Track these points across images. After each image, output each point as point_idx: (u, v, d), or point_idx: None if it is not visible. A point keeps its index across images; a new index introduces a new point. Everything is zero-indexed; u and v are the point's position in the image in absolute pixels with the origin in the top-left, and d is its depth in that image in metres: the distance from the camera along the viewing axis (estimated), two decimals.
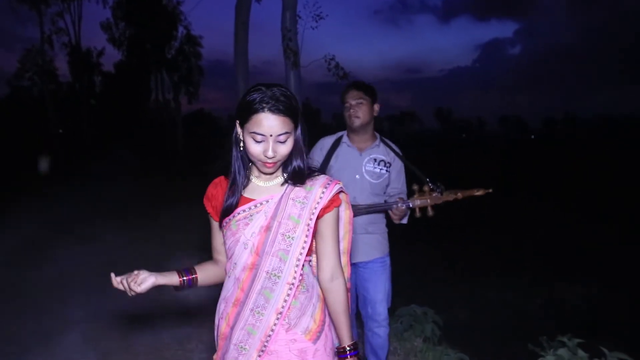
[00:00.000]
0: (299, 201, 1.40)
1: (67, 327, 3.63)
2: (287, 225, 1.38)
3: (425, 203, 2.39)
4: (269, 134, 1.30)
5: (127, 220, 7.37)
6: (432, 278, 4.98)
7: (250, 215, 1.40)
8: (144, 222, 7.28)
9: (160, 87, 34.26)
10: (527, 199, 10.20)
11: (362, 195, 2.52)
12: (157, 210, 8.27)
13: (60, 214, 7.81)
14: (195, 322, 3.71)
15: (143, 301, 4.14)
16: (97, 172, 13.81)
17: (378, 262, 2.59)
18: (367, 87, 2.58)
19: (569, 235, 6.91)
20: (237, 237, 1.39)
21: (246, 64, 6.90)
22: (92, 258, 5.36)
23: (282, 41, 6.18)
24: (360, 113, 2.51)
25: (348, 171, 2.55)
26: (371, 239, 2.58)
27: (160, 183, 12.71)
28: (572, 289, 4.71)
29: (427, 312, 3.46)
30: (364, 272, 2.60)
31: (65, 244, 5.91)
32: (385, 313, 2.61)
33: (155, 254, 5.57)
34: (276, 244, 1.37)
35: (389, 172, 2.58)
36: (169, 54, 30.97)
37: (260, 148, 1.32)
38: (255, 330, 1.37)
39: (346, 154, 2.59)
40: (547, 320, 3.98)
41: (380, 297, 2.58)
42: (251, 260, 1.38)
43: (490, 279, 4.97)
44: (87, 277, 4.76)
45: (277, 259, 1.37)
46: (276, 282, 1.36)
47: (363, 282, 2.62)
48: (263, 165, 1.35)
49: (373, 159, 2.57)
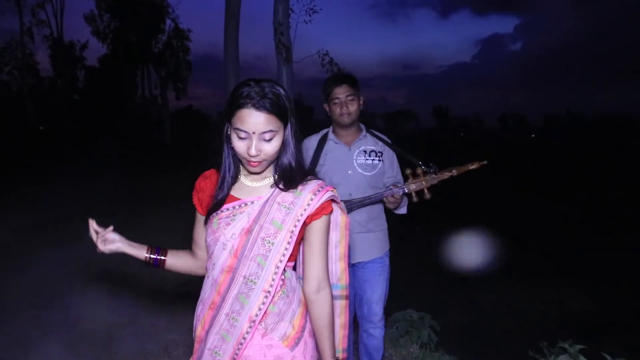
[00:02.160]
0: (284, 206, 1.37)
1: (46, 334, 3.59)
2: (268, 230, 1.36)
3: (420, 186, 2.38)
4: (252, 131, 1.30)
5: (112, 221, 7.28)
6: (429, 281, 4.98)
7: (232, 215, 1.39)
8: (129, 223, 7.18)
9: (146, 83, 34.21)
10: (527, 199, 10.26)
11: (357, 191, 2.52)
12: (143, 210, 8.22)
13: (40, 214, 7.73)
14: (182, 328, 3.69)
15: (127, 306, 4.12)
16: (80, 171, 13.71)
17: (378, 262, 2.60)
18: (356, 81, 2.59)
19: (571, 237, 6.95)
20: (217, 237, 1.38)
21: (237, 59, 6.88)
22: (73, 261, 5.31)
23: (274, 35, 6.17)
24: (351, 109, 2.51)
25: (339, 168, 2.55)
26: (371, 237, 2.58)
27: (147, 182, 12.63)
28: (574, 292, 4.73)
29: (423, 317, 3.47)
30: (363, 272, 2.61)
31: (45, 245, 5.85)
32: (381, 314, 2.62)
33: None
34: (255, 248, 1.35)
35: (382, 161, 2.58)
36: (156, 47, 30.74)
37: (244, 146, 1.32)
38: (229, 336, 1.36)
39: (335, 150, 2.59)
40: (548, 325, 4.00)
41: (377, 297, 2.59)
42: (229, 263, 1.37)
43: (489, 282, 4.98)
44: (67, 280, 4.72)
45: (255, 264, 1.35)
46: (252, 288, 1.35)
47: (361, 283, 2.62)
48: (247, 163, 1.35)
49: (363, 151, 2.57)
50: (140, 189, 11.25)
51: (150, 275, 4.87)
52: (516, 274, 5.28)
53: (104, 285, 4.66)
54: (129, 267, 5.14)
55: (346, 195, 2.52)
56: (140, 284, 4.73)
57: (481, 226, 7.73)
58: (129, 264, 5.20)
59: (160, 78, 31.70)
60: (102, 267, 5.16)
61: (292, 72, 6.55)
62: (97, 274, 4.98)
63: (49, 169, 15.37)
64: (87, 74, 37.77)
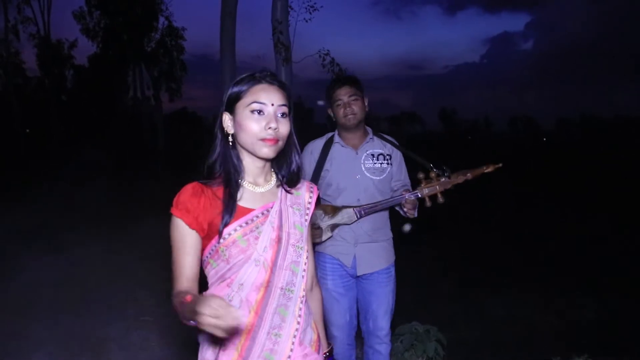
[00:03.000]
0: (296, 208, 1.43)
1: (33, 349, 3.60)
2: (295, 235, 1.39)
3: (434, 190, 2.39)
4: (270, 103, 1.30)
5: (101, 230, 7.33)
6: (435, 292, 4.98)
7: (255, 227, 1.33)
8: (119, 232, 7.24)
9: (138, 83, 34.23)
10: (538, 206, 10.26)
11: (366, 196, 2.54)
12: (134, 218, 8.22)
13: (26, 222, 7.74)
14: (176, 345, 3.69)
15: (117, 320, 4.13)
16: (68, 176, 13.72)
17: (383, 274, 2.61)
18: (358, 81, 2.63)
19: (585, 245, 6.96)
20: (249, 254, 1.31)
21: (233, 59, 6.90)
22: (60, 271, 5.32)
23: (273, 34, 6.19)
24: (356, 110, 2.55)
25: (347, 173, 2.57)
26: (376, 247, 2.60)
27: (138, 188, 12.65)
28: (589, 303, 4.73)
29: (429, 329, 3.47)
30: (367, 284, 2.61)
31: (30, 255, 5.86)
32: (388, 328, 2.63)
33: (132, 268, 5.54)
34: (288, 257, 1.37)
35: (391, 164, 2.61)
36: (149, 46, 30.86)
37: (261, 122, 1.29)
38: (273, 356, 1.32)
39: (341, 154, 2.61)
40: (561, 339, 4.00)
41: (383, 311, 2.60)
42: (264, 278, 1.32)
43: (498, 293, 4.98)
44: (55, 292, 4.73)
45: (290, 272, 1.37)
46: (290, 297, 1.36)
47: (366, 295, 2.63)
48: (263, 144, 1.29)
49: (370, 154, 2.60)
50: (132, 196, 11.26)
51: (142, 287, 4.88)
52: (527, 284, 5.28)
53: (93, 297, 4.67)
54: (119, 278, 5.15)
55: (354, 200, 2.53)
56: (131, 296, 4.73)
57: (490, 233, 7.73)
58: (120, 275, 5.23)
59: (152, 78, 31.78)
60: (91, 278, 5.17)
61: (291, 73, 6.57)
62: (85, 285, 4.99)
63: (35, 174, 15.39)
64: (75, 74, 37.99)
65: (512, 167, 20.31)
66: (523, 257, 6.39)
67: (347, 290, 2.60)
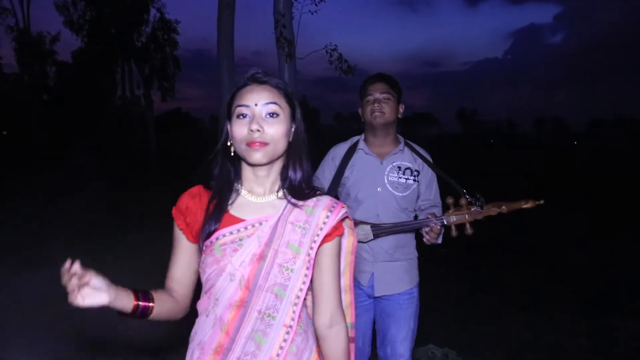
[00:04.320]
0: (299, 226, 1.37)
1: None
2: (285, 255, 1.34)
3: (462, 219, 2.36)
4: (254, 103, 1.32)
5: (87, 241, 7.35)
6: (453, 312, 4.96)
7: (239, 239, 1.34)
8: (107, 244, 7.26)
9: (128, 82, 34.47)
10: (568, 219, 10.21)
11: (386, 212, 2.52)
12: (123, 228, 8.26)
13: (4, 233, 7.78)
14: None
15: (103, 344, 4.13)
16: (50, 183, 13.76)
17: (405, 295, 2.59)
18: (395, 81, 2.59)
19: (620, 262, 6.92)
20: (222, 266, 1.32)
21: (232, 55, 6.95)
22: (40, 289, 5.32)
23: (275, 28, 6.23)
24: (386, 109, 2.51)
25: (367, 183, 2.54)
26: (398, 267, 2.58)
27: (128, 196, 12.68)
28: (624, 324, 4.69)
29: (448, 353, 3.46)
30: (387, 306, 2.60)
31: (9, 269, 5.88)
32: (408, 355, 2.61)
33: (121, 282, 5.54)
34: (271, 277, 1.32)
35: (418, 181, 2.58)
36: (139, 41, 31.10)
37: (245, 125, 1.32)
38: None
39: (364, 162, 2.58)
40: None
41: (403, 336, 2.58)
42: (239, 296, 1.32)
43: (524, 314, 4.95)
44: (34, 312, 4.73)
45: (273, 295, 1.32)
46: (270, 324, 1.32)
47: (384, 318, 2.62)
48: (249, 149, 1.32)
49: (397, 167, 2.56)
50: (120, 205, 11.29)
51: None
52: (555, 304, 5.25)
53: (76, 319, 4.67)
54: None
55: (373, 216, 2.51)
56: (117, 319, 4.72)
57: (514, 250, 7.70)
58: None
59: (143, 76, 31.97)
60: None
61: (295, 70, 6.60)
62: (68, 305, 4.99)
63: (13, 181, 15.47)
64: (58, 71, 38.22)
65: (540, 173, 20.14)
66: (551, 275, 6.35)
67: (362, 312, 2.59)
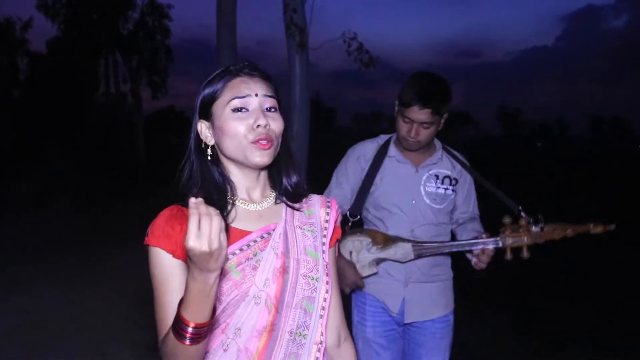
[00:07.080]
0: (307, 229, 1.39)
1: None
2: (307, 263, 1.35)
3: (520, 242, 2.32)
4: (253, 93, 1.32)
5: (61, 265, 7.38)
6: (498, 347, 4.92)
7: (253, 254, 1.31)
8: (85, 267, 7.29)
9: (112, 76, 34.61)
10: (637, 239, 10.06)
11: (421, 227, 2.50)
12: (106, 248, 8.27)
13: None
14: None
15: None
16: (22, 196, 13.88)
17: (439, 323, 2.58)
18: (442, 99, 2.40)
19: None
20: (245, 290, 1.28)
21: (234, 45, 6.95)
22: (9, 317, 5.35)
23: (284, 14, 6.25)
24: (423, 137, 2.42)
25: (401, 194, 2.52)
26: (432, 289, 2.56)
27: (112, 209, 12.73)
28: None
29: None
30: (418, 334, 2.59)
31: None
32: None
33: (100, 312, 5.57)
34: (298, 291, 1.32)
35: (455, 192, 2.56)
36: (125, 28, 31.33)
37: (246, 120, 1.30)
38: None
39: (397, 170, 2.55)
40: None
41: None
42: (268, 320, 1.29)
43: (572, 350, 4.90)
44: (3, 343, 4.76)
45: (302, 311, 1.32)
46: (302, 343, 1.32)
47: (414, 348, 2.61)
48: (254, 148, 1.29)
49: (434, 175, 2.54)
50: (103, 220, 11.34)
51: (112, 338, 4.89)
52: (607, 340, 5.19)
53: (50, 349, 4.69)
54: (83, 326, 5.17)
55: (407, 231, 2.48)
56: (99, 349, 4.74)
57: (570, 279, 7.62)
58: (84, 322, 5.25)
59: (130, 69, 32.13)
60: (48, 325, 5.19)
61: (307, 62, 6.59)
62: (40, 333, 5.02)
63: None
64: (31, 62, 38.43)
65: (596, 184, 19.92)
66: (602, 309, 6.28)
67: (389, 342, 2.57)
